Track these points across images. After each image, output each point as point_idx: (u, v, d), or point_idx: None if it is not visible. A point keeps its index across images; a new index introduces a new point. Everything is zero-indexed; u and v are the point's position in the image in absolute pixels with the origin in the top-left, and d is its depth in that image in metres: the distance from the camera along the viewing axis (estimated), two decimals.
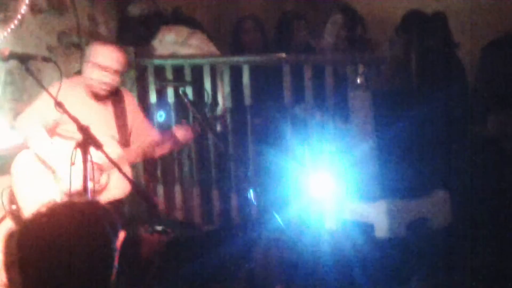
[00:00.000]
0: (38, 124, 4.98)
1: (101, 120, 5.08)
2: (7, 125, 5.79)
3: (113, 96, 5.28)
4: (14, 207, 5.08)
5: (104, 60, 5.05)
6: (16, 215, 5.16)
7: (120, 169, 4.26)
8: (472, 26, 6.43)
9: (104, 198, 4.90)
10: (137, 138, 5.29)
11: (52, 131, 5.03)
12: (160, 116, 5.05)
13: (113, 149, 4.99)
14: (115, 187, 4.96)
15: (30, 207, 4.75)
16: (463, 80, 6.01)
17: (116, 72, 5.08)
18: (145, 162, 6.71)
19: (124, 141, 5.19)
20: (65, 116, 4.77)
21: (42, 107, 4.98)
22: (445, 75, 6.04)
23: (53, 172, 4.93)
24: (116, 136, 5.14)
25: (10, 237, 5.23)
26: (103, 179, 4.97)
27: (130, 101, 5.41)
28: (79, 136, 4.31)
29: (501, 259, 5.55)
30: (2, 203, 5.23)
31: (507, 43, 5.75)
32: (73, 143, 4.17)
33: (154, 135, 5.37)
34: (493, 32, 6.12)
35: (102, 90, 5.11)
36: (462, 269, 5.56)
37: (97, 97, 5.16)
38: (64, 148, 4.90)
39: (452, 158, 5.79)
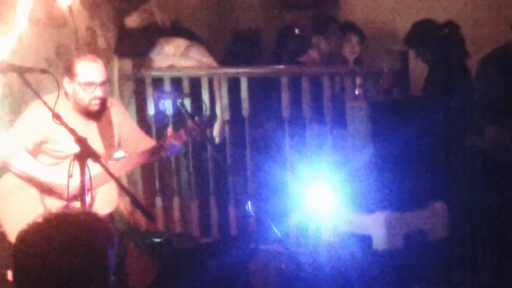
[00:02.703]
0: (19, 147, 4.86)
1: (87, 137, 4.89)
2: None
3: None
4: None
5: (91, 76, 4.81)
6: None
7: (118, 182, 4.27)
8: (471, 37, 6.43)
9: None
10: (129, 147, 5.16)
11: (36, 151, 4.92)
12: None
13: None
14: (100, 206, 4.81)
15: (14, 228, 4.64)
16: (470, 91, 6.00)
17: (103, 83, 4.85)
18: (143, 175, 6.72)
19: (111, 154, 5.04)
20: (52, 135, 4.74)
21: (21, 132, 4.89)
22: (454, 86, 6.05)
23: (39, 192, 4.87)
24: (102, 150, 4.95)
25: None
26: (87, 198, 4.83)
27: (118, 110, 5.17)
28: (66, 154, 4.31)
29: (499, 271, 5.55)
30: None
31: (505, 55, 5.75)
32: (62, 161, 4.12)
33: (148, 143, 5.20)
34: (491, 44, 6.13)
35: (95, 105, 4.87)
36: (460, 281, 5.56)
37: (88, 113, 4.91)
38: (51, 167, 4.87)
39: (449, 170, 5.80)
